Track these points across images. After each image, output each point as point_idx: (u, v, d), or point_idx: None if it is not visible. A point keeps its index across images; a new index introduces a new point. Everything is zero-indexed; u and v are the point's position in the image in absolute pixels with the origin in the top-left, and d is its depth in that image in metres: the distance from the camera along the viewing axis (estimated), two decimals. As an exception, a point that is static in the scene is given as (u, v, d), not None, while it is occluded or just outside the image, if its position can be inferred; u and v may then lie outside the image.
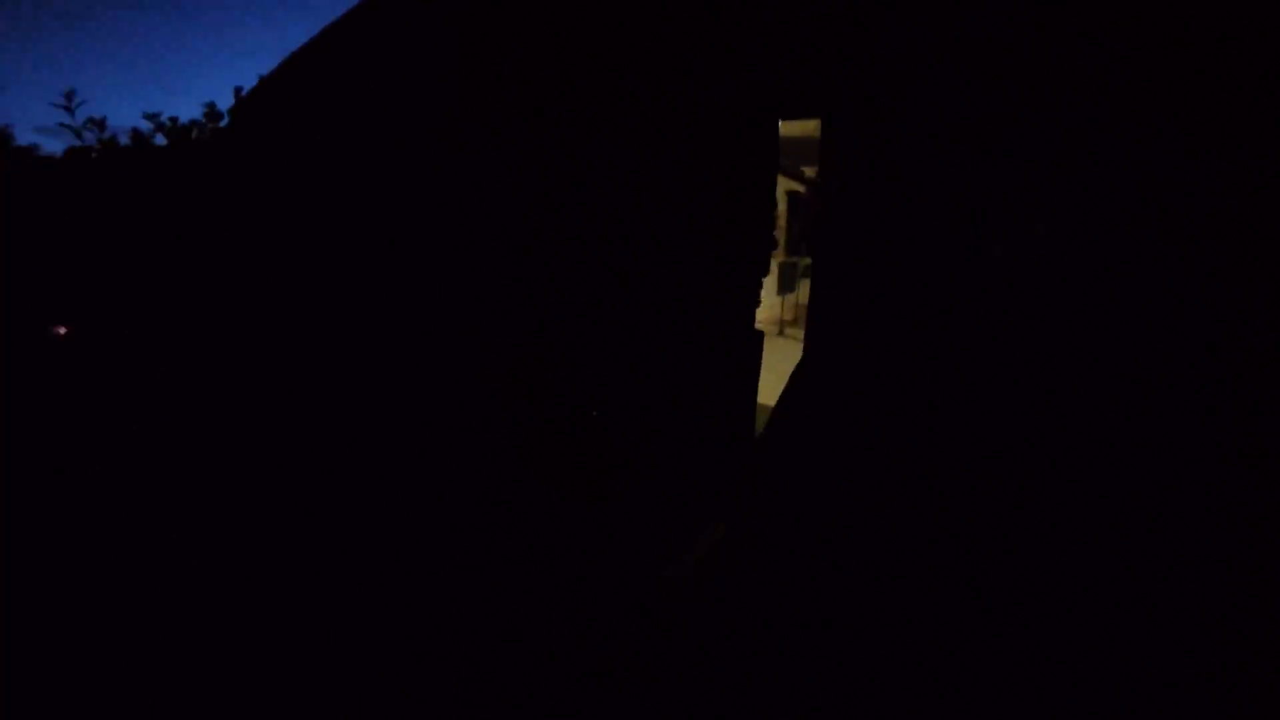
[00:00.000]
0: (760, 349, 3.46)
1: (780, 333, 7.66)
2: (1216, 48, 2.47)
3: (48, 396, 3.60)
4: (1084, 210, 2.89)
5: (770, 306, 7.79)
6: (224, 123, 4.31)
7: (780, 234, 7.80)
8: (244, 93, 4.10)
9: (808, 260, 7.32)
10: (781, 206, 8.08)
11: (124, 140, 4.25)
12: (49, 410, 3.58)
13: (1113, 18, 2.68)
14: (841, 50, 3.06)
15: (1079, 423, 2.89)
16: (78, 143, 4.10)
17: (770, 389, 3.87)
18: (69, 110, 4.06)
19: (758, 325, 3.70)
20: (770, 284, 7.79)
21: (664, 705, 2.47)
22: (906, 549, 3.07)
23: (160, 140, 4.32)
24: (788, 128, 3.82)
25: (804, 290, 7.58)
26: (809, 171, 7.69)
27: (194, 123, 4.36)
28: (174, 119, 4.34)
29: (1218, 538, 2.65)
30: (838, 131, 3.06)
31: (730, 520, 3.44)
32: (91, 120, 4.12)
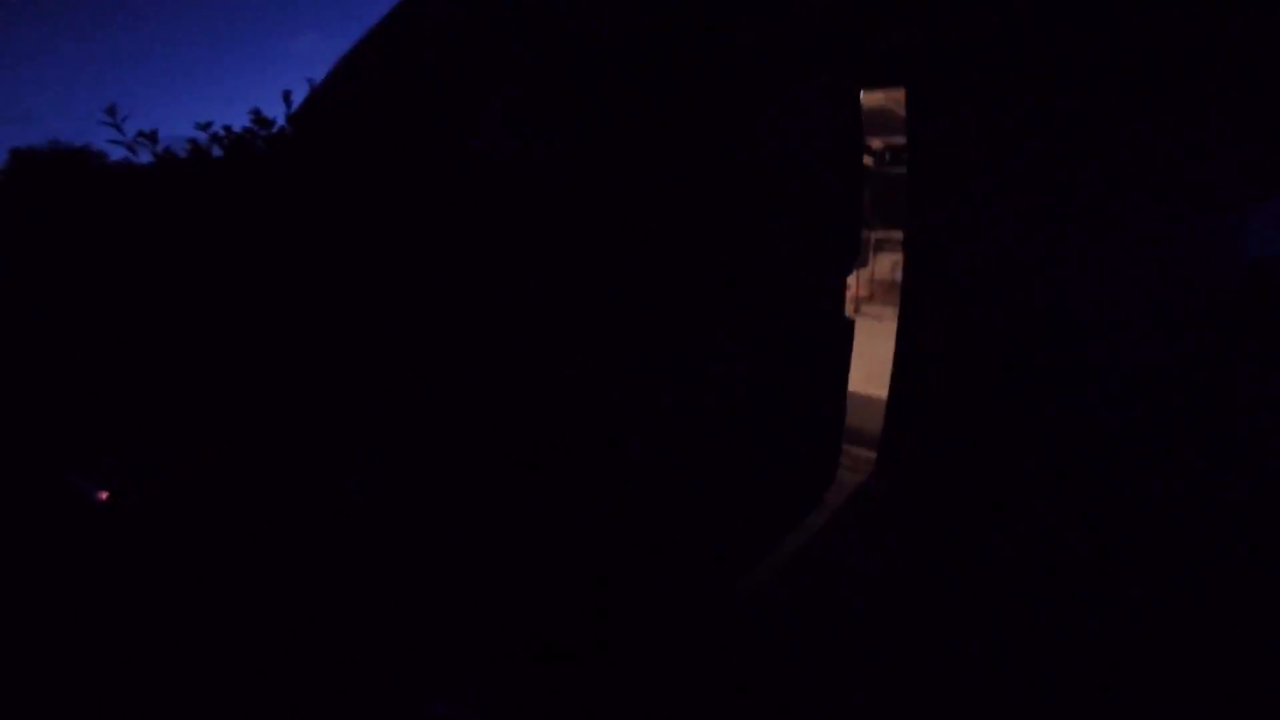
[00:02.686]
0: (850, 338, 3.34)
1: (855, 310, 7.42)
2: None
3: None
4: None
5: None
6: (276, 129, 4.21)
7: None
8: (292, 97, 4.06)
9: (879, 234, 7.08)
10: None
11: (180, 152, 4.14)
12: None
13: None
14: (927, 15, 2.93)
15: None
16: (131, 156, 3.99)
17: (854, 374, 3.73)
18: (115, 126, 3.92)
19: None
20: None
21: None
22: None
23: (217, 152, 4.18)
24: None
25: (878, 264, 7.34)
26: (875, 143, 7.42)
27: (247, 130, 4.23)
28: (228, 128, 4.21)
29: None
30: (927, 101, 2.92)
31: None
32: (142, 134, 3.98)
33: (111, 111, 3.79)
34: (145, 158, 3.95)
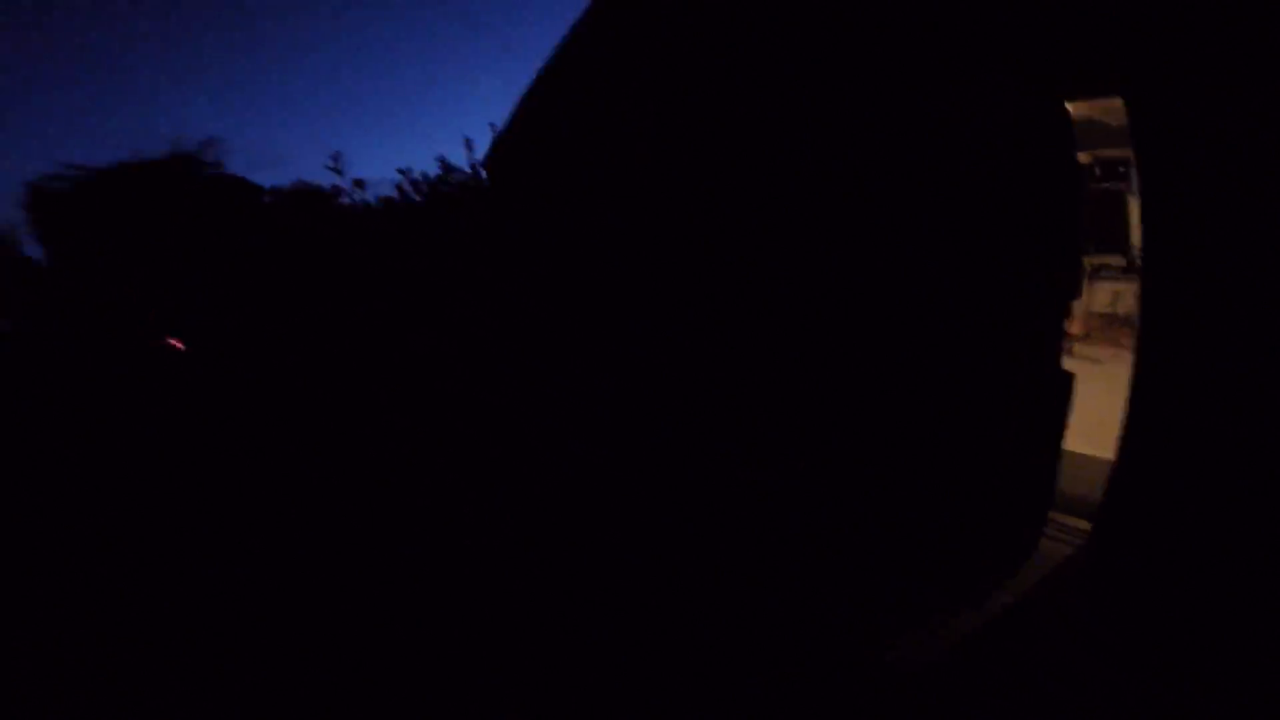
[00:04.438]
0: (1069, 393, 2.84)
1: (1067, 351, 6.38)
2: None
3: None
4: None
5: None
6: (456, 176, 4.77)
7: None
8: (474, 143, 4.56)
9: (1097, 260, 6.08)
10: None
11: (387, 196, 4.84)
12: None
13: None
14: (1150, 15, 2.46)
15: None
16: (350, 200, 4.74)
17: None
18: (338, 172, 4.68)
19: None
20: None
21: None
22: None
23: (414, 196, 4.85)
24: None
25: (1096, 296, 6.28)
26: (1084, 157, 6.44)
27: (438, 176, 4.85)
28: (424, 173, 4.87)
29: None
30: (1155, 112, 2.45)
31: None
32: (356, 181, 4.72)
33: (336, 158, 4.60)
34: (359, 201, 4.73)
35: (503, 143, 4.46)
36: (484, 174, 4.89)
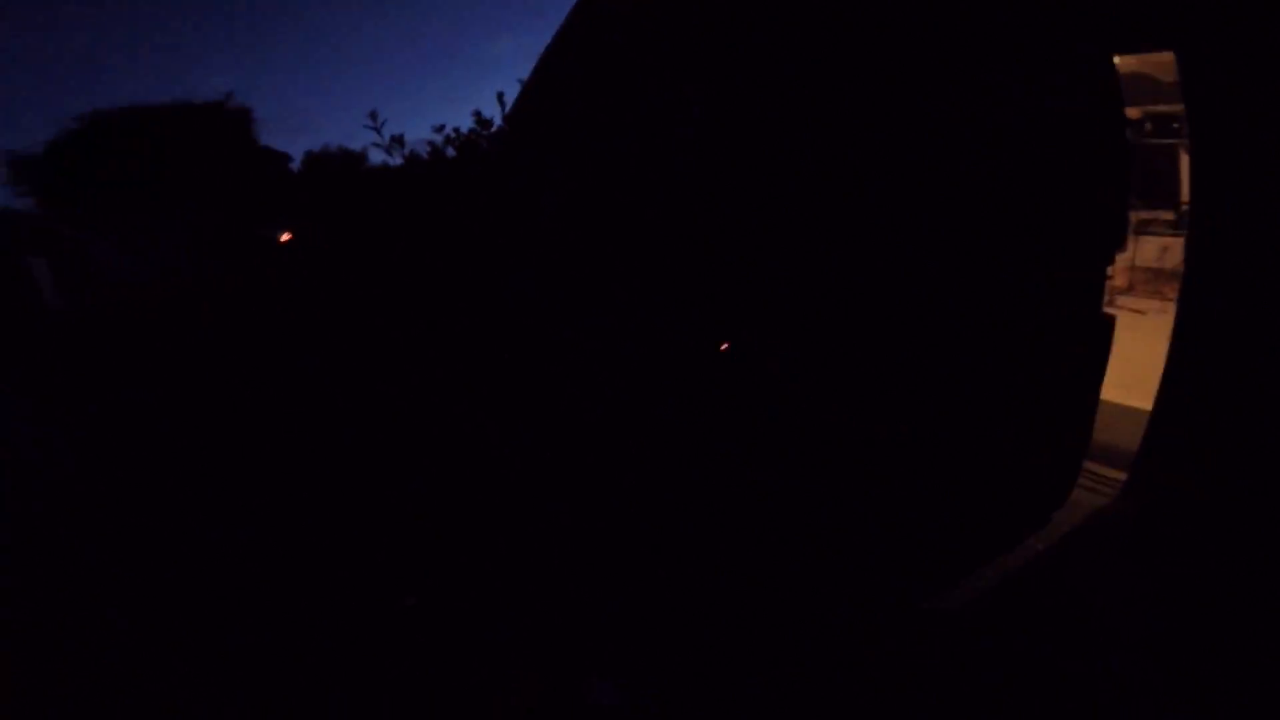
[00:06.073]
0: (1109, 338, 2.89)
1: (1110, 302, 6.34)
2: None
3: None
4: None
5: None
6: (495, 129, 4.74)
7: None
8: (505, 98, 4.48)
9: (1144, 214, 5.96)
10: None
11: (422, 153, 4.84)
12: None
13: None
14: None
15: None
16: (387, 158, 4.75)
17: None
18: (377, 130, 4.64)
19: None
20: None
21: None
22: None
23: (450, 152, 4.84)
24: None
25: (1141, 249, 6.19)
26: (1133, 112, 6.25)
27: (472, 131, 4.84)
28: (457, 129, 4.83)
29: None
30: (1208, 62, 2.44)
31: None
32: (394, 138, 4.70)
33: (374, 117, 4.54)
34: (397, 159, 4.74)
35: (524, 101, 4.47)
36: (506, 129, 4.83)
